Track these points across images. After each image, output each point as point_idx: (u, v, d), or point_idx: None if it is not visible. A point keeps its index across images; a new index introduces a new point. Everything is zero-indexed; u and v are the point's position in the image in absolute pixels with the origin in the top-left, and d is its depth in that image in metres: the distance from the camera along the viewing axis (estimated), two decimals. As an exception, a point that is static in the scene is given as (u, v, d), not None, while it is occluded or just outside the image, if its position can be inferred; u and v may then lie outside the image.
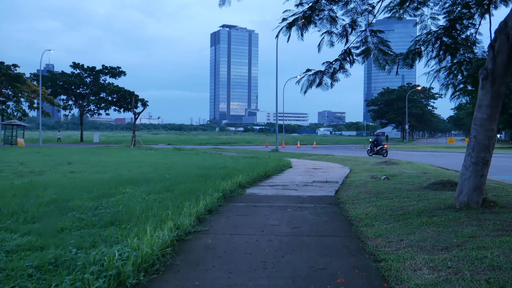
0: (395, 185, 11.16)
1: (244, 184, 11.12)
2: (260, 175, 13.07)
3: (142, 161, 18.68)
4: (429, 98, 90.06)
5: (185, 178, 11.74)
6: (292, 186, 11.49)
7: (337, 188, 11.28)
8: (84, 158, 20.10)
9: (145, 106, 52.54)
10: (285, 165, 17.22)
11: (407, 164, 18.62)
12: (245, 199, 9.24)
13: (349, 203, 8.94)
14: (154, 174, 13.15)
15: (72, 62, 52.29)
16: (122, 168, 15.25)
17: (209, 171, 13.91)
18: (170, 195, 8.73)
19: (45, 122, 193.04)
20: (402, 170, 15.53)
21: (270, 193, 10.11)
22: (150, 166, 16.17)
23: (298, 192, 10.42)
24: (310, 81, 11.46)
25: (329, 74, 11.43)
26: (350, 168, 17.53)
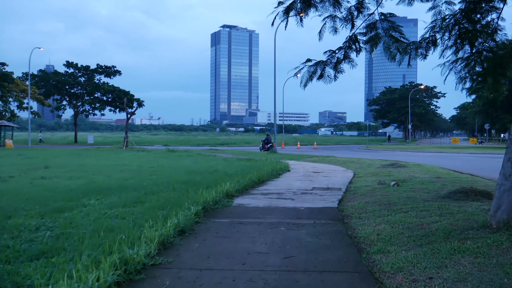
0: (408, 193, 9.63)
1: (233, 193, 9.58)
2: (253, 181, 11.54)
3: (127, 164, 17.17)
4: (432, 97, 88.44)
5: (166, 185, 10.23)
6: (289, 195, 9.96)
7: (340, 197, 9.74)
8: (66, 162, 18.60)
9: (141, 105, 51.03)
10: (283, 169, 15.69)
11: (416, 166, 17.07)
12: (230, 212, 7.71)
13: (356, 217, 7.42)
14: (133, 181, 11.65)
15: (66, 61, 50.85)
16: (101, 173, 13.75)
17: (196, 176, 12.40)
18: (139, 209, 7.21)
19: (44, 123, 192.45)
20: (412, 174, 13.99)
21: (262, 204, 8.58)
22: (133, 170, 14.66)
23: (294, 202, 8.89)
24: (310, 73, 9.96)
25: (332, 64, 9.92)
26: (353, 172, 16.00)
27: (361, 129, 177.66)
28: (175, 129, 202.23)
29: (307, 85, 10.10)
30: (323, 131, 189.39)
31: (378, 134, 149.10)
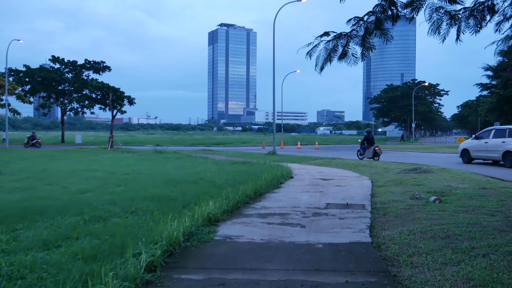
0: (463, 215, 6.88)
1: (218, 216, 6.80)
2: (247, 195, 8.75)
3: (98, 170, 14.38)
4: (435, 95, 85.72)
5: (128, 203, 7.48)
6: (296, 217, 7.19)
7: (369, 220, 6.98)
8: (28, 166, 15.80)
9: (132, 103, 48.25)
10: (284, 175, 12.92)
11: (443, 171, 14.33)
12: (209, 256, 4.93)
13: (407, 264, 4.67)
14: (90, 194, 8.89)
15: (51, 55, 47.75)
16: (58, 183, 10.99)
17: (174, 187, 9.64)
18: (56, 256, 4.44)
19: (39, 123, 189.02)
20: (446, 183, 11.24)
21: (259, 237, 5.80)
22: (101, 178, 11.88)
23: (306, 232, 6.12)
24: (328, 51, 7.21)
25: (358, 38, 7.16)
26: (370, 179, 13.25)
27: (361, 128, 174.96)
28: (172, 128, 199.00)
29: (324, 68, 7.36)
30: (322, 130, 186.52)
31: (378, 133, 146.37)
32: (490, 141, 18.89)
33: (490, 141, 18.89)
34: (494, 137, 18.77)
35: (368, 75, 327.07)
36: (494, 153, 18.60)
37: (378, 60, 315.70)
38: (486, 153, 19.18)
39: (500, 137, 18.39)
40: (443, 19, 7.59)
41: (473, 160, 20.05)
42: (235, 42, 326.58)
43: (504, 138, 18.14)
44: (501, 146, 18.06)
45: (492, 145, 18.64)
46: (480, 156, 19.55)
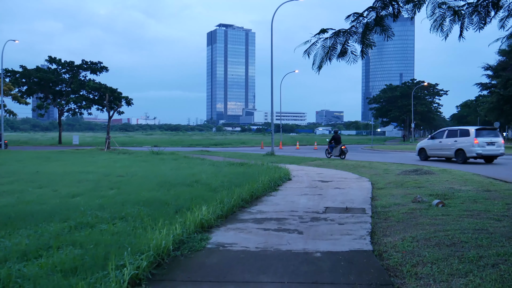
0: (468, 219, 6.57)
1: (211, 222, 6.48)
2: (243, 199, 8.44)
3: (93, 172, 14.06)
4: (434, 94, 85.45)
5: (118, 208, 7.17)
6: (293, 222, 6.87)
7: (370, 226, 6.66)
8: (21, 168, 15.48)
9: (129, 104, 47.93)
10: (282, 177, 12.60)
11: (444, 173, 14.03)
12: (200, 266, 4.62)
13: (411, 275, 4.36)
14: (81, 198, 8.57)
15: (48, 56, 47.36)
16: (50, 185, 10.67)
17: (168, 191, 9.32)
18: (33, 269, 4.13)
19: (38, 123, 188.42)
20: (448, 184, 10.94)
21: (253, 245, 5.49)
22: (94, 181, 11.55)
23: (304, 240, 5.80)
24: (327, 49, 6.90)
25: (358, 35, 6.86)
26: (370, 180, 12.94)
27: (359, 128, 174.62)
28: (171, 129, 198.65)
29: (321, 67, 7.06)
30: (321, 130, 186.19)
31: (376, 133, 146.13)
32: (444, 140, 21.17)
33: (444, 140, 21.17)
34: (447, 137, 21.06)
35: (367, 75, 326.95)
36: (447, 151, 20.95)
37: (377, 60, 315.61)
38: (440, 151, 21.48)
39: (453, 137, 20.70)
40: (446, 15, 7.30)
41: (429, 157, 22.12)
42: (234, 43, 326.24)
43: (456, 138, 20.46)
44: (454, 145, 20.40)
45: (446, 144, 20.93)
46: (436, 154, 21.76)
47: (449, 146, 20.78)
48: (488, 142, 19.73)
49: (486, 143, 19.61)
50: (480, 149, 19.42)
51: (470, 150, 19.55)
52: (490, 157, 20.16)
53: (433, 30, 7.40)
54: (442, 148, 21.25)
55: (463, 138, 20.13)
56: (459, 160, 20.09)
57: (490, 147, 19.66)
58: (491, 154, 19.85)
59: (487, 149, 19.56)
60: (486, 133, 20.12)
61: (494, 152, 19.85)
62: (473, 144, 19.49)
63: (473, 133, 19.78)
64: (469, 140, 19.79)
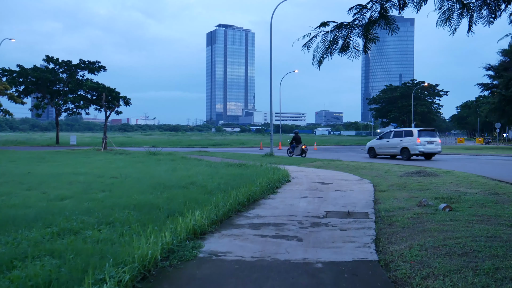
0: (478, 225, 6.17)
1: (204, 228, 6.07)
2: (239, 202, 8.03)
3: (86, 173, 13.65)
4: (434, 95, 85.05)
5: (107, 212, 6.76)
6: (292, 228, 6.46)
7: (374, 232, 6.25)
8: (13, 168, 15.06)
9: (127, 104, 47.57)
10: (281, 179, 12.20)
11: (447, 174, 13.64)
12: (188, 279, 4.20)
13: (422, 289, 3.97)
14: (70, 201, 8.18)
15: (45, 55, 46.91)
16: (40, 187, 10.26)
17: (161, 193, 8.90)
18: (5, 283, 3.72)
19: (37, 123, 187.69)
20: (454, 187, 10.54)
21: (249, 254, 5.08)
22: (85, 182, 11.13)
23: (304, 248, 5.39)
24: (328, 44, 6.50)
25: (360, 28, 6.46)
26: (371, 182, 12.53)
27: (359, 129, 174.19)
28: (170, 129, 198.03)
29: (322, 62, 6.64)
30: (320, 131, 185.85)
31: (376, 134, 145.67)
32: (390, 140, 24.03)
33: (390, 140, 24.03)
34: (393, 137, 23.97)
35: (366, 76, 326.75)
36: (394, 149, 23.71)
37: (377, 60, 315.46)
38: (388, 150, 24.19)
39: (398, 137, 23.57)
40: (454, 8, 6.91)
41: (378, 155, 24.89)
42: (233, 43, 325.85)
43: (401, 138, 23.35)
44: (399, 144, 23.26)
45: (392, 143, 23.76)
46: (383, 152, 24.50)
47: (395, 145, 23.47)
48: (428, 141, 22.57)
49: (427, 142, 22.44)
50: (422, 147, 22.28)
51: (414, 148, 22.37)
52: (429, 154, 22.99)
53: (441, 24, 7.00)
54: (389, 147, 23.91)
55: (408, 138, 22.89)
56: (404, 157, 22.76)
57: (430, 146, 22.52)
58: (430, 151, 22.72)
59: (427, 147, 22.44)
60: (426, 133, 22.95)
61: (433, 150, 22.71)
62: (416, 143, 22.30)
63: (416, 134, 22.59)
64: (412, 140, 22.58)
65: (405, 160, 22.11)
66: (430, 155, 23.19)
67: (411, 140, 22.71)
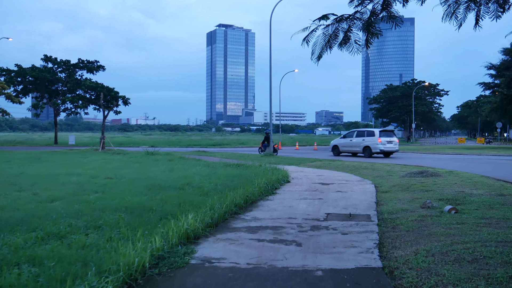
0: (486, 229, 5.86)
1: (198, 232, 5.76)
2: (236, 204, 7.71)
3: (81, 173, 13.33)
4: (435, 95, 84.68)
5: (95, 216, 6.45)
6: (291, 232, 6.15)
7: (377, 236, 5.94)
8: (7, 169, 14.76)
9: (126, 103, 47.16)
10: (280, 179, 11.89)
11: (450, 175, 13.33)
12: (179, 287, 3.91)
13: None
14: (60, 203, 7.89)
15: (44, 55, 46.57)
16: (31, 188, 9.94)
17: (155, 195, 8.59)
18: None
19: (37, 123, 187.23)
20: (458, 188, 10.22)
21: (244, 260, 4.76)
22: (78, 183, 10.82)
23: (303, 254, 5.07)
24: (328, 37, 6.19)
25: (361, 21, 6.15)
26: (373, 183, 12.22)
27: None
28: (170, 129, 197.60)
29: (321, 57, 6.33)
30: (321, 130, 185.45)
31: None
32: (354, 139, 26.23)
33: (354, 139, 26.23)
34: (356, 137, 26.15)
35: (366, 76, 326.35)
36: (357, 148, 25.92)
37: (377, 60, 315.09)
38: (351, 148, 26.37)
39: (361, 137, 25.79)
40: (461, 2, 6.60)
41: (341, 153, 27.04)
42: (233, 43, 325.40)
43: (364, 137, 25.53)
44: (362, 143, 25.51)
45: (355, 142, 25.96)
46: (347, 150, 26.69)
47: (358, 144, 25.70)
48: (388, 141, 24.96)
49: (387, 142, 24.82)
50: (383, 146, 24.62)
51: (375, 147, 24.68)
52: (388, 153, 25.37)
53: (446, 18, 6.71)
54: (352, 145, 26.15)
55: (370, 137, 25.14)
56: (366, 155, 25.05)
57: (389, 145, 24.91)
58: (389, 150, 25.05)
59: (387, 146, 24.80)
60: (386, 134, 25.40)
61: (392, 149, 25.11)
62: (377, 142, 24.62)
63: (377, 134, 24.89)
64: (374, 139, 24.84)
65: (367, 158, 24.20)
66: (389, 153, 25.57)
67: (373, 139, 24.92)
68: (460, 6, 6.65)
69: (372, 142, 24.95)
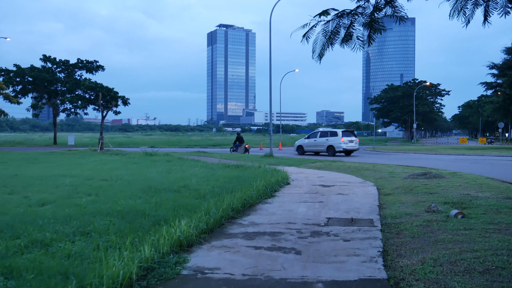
0: (498, 236, 5.55)
1: (192, 239, 5.46)
2: (233, 208, 7.41)
3: (77, 175, 13.03)
4: (436, 95, 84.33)
5: (85, 222, 6.15)
6: (290, 238, 5.85)
7: (381, 243, 5.63)
8: (2, 170, 14.47)
9: (126, 104, 46.85)
10: (280, 181, 11.58)
11: (454, 176, 13.02)
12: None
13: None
14: (51, 206, 7.63)
15: (42, 55, 46.29)
16: (22, 191, 9.65)
17: (150, 198, 8.29)
18: None
19: (38, 124, 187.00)
20: (464, 190, 9.92)
21: (240, 271, 4.46)
22: (73, 185, 10.52)
23: (302, 262, 4.77)
24: (329, 34, 5.90)
25: (364, 17, 5.85)
26: (375, 185, 11.91)
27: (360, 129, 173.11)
28: (171, 129, 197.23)
29: (323, 55, 6.03)
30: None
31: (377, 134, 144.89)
32: (317, 139, 28.04)
33: (317, 139, 28.04)
34: (320, 137, 27.97)
35: (367, 76, 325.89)
36: (321, 147, 27.70)
37: (377, 60, 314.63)
38: (315, 148, 28.13)
39: (324, 137, 27.63)
40: (467, 0, 6.32)
41: (306, 152, 28.64)
42: (234, 43, 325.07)
43: (327, 137, 27.40)
44: (326, 143, 27.34)
45: (320, 142, 27.78)
46: (311, 149, 28.37)
47: (322, 144, 27.56)
48: (349, 140, 26.96)
49: (348, 141, 26.87)
50: (345, 145, 26.61)
51: (338, 146, 26.60)
52: (350, 151, 27.45)
53: (454, 15, 6.42)
54: (316, 145, 27.95)
55: (333, 137, 27.04)
56: (329, 154, 26.88)
57: (351, 144, 26.98)
58: (351, 149, 27.15)
59: (349, 145, 26.87)
60: (348, 134, 27.34)
61: (353, 148, 27.21)
62: (340, 142, 26.51)
63: (340, 134, 26.86)
64: (337, 139, 26.72)
65: (331, 156, 26.08)
66: (350, 152, 27.66)
67: (336, 139, 26.78)
68: (468, 2, 6.36)
69: (335, 141, 26.73)
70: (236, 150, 29.32)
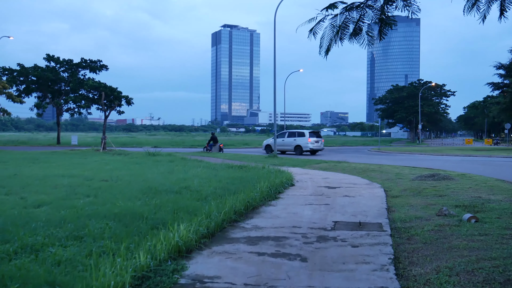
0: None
1: (191, 245, 5.16)
2: (236, 211, 7.11)
3: (77, 175, 12.78)
4: (441, 95, 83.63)
5: (80, 225, 5.88)
6: (295, 243, 5.54)
7: (391, 250, 5.31)
8: (2, 170, 14.25)
9: (130, 103, 46.65)
10: (284, 183, 11.27)
11: (463, 178, 12.67)
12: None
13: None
14: (47, 208, 7.36)
15: (46, 54, 46.18)
16: (20, 192, 9.40)
17: (150, 200, 8.01)
18: None
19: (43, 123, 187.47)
20: (474, 193, 9.57)
21: (241, 280, 4.15)
22: (71, 186, 10.26)
23: (308, 270, 4.46)
24: (337, 29, 5.59)
25: (374, 10, 5.54)
26: (382, 187, 11.58)
27: (365, 130, 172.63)
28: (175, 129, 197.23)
29: (330, 50, 5.73)
30: (326, 131, 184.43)
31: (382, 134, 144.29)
32: (285, 139, 29.53)
33: (285, 139, 29.53)
34: (288, 137, 29.55)
35: (372, 76, 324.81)
36: (289, 147, 29.29)
37: (382, 61, 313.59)
38: (283, 147, 29.44)
39: (292, 137, 29.30)
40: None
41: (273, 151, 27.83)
42: (238, 43, 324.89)
43: (295, 137, 29.09)
44: (293, 142, 29.00)
45: (287, 142, 29.41)
46: (280, 149, 29.11)
47: (290, 143, 29.19)
48: (316, 140, 28.94)
49: (315, 141, 28.80)
50: (312, 145, 28.43)
51: (305, 146, 28.37)
52: (315, 151, 29.20)
53: (468, 10, 6.11)
54: (284, 145, 29.37)
55: (300, 138, 28.73)
56: (297, 153, 28.54)
57: (317, 144, 29.01)
58: (317, 148, 29.05)
59: (315, 145, 28.79)
60: (314, 134, 29.25)
61: (319, 147, 29.17)
62: (307, 142, 28.28)
63: (307, 135, 28.58)
64: (304, 139, 28.44)
65: (298, 155, 27.73)
66: (316, 151, 29.47)
67: (304, 139, 28.50)
68: (483, -4, 6.05)
69: (302, 141, 28.49)
70: (210, 149, 30.10)
